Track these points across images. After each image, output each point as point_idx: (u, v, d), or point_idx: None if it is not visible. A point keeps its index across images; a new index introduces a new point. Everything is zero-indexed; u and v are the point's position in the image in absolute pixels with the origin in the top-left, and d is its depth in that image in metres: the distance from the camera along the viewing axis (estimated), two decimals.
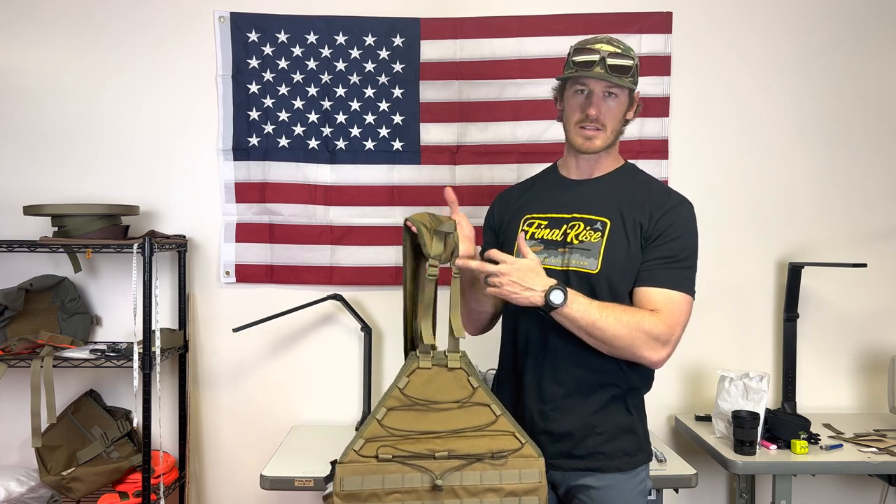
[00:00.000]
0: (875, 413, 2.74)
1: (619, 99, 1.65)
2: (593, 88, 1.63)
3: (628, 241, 1.62)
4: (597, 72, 1.60)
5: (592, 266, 1.61)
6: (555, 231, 1.68)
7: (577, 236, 1.65)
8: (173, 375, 2.71)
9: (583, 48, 1.65)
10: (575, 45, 1.69)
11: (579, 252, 1.63)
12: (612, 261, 1.61)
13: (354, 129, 2.70)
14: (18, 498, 2.46)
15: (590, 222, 1.65)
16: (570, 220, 1.67)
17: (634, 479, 1.67)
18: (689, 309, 1.62)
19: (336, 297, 2.62)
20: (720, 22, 2.72)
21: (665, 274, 1.60)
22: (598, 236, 1.63)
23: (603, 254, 1.61)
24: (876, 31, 2.74)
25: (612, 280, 1.61)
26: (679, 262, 1.62)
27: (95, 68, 2.70)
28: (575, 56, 1.66)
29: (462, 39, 2.68)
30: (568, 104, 1.69)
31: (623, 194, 1.68)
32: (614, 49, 1.63)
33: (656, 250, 1.62)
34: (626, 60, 1.62)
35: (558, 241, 1.66)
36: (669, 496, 2.60)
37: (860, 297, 2.76)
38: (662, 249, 1.62)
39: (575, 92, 1.67)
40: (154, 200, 2.71)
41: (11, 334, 2.56)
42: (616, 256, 1.61)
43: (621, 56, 1.62)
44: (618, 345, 1.55)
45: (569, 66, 1.67)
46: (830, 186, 2.75)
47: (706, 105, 2.73)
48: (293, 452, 2.37)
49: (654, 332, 1.55)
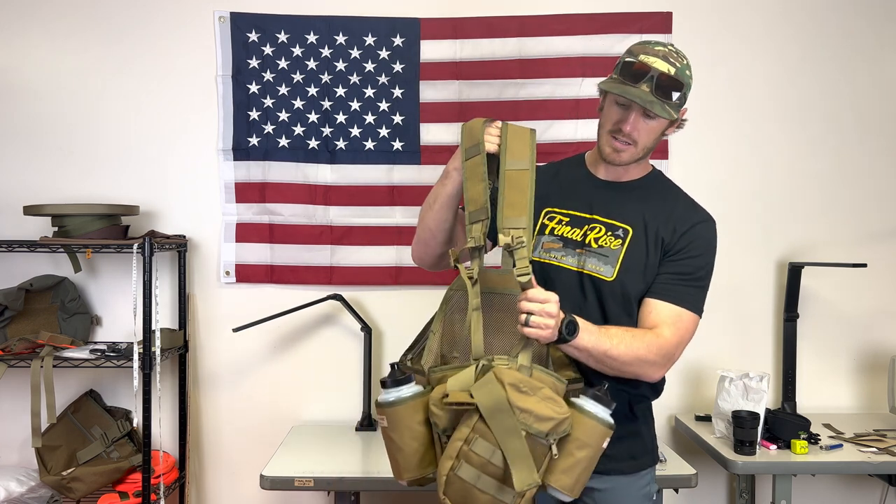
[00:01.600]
0: (875, 413, 2.74)
1: (659, 119, 1.55)
2: (633, 103, 1.53)
3: (647, 253, 1.59)
4: (642, 90, 1.49)
5: (608, 273, 1.58)
6: (575, 230, 1.63)
7: (596, 240, 1.61)
8: (173, 375, 2.71)
9: (636, 59, 1.52)
10: (633, 46, 1.57)
11: (597, 257, 1.60)
12: (629, 271, 1.58)
13: (354, 129, 2.70)
14: (18, 498, 2.46)
15: (612, 228, 1.61)
16: (592, 222, 1.63)
17: (639, 482, 1.66)
18: (694, 329, 1.60)
19: (336, 297, 2.62)
20: (720, 22, 2.72)
21: (679, 291, 1.58)
22: (619, 244, 1.60)
23: (621, 262, 1.58)
24: (876, 31, 2.73)
25: (625, 289, 1.58)
26: (695, 280, 1.60)
27: (95, 68, 2.70)
28: (626, 58, 1.54)
29: (462, 39, 2.68)
30: (607, 110, 1.60)
31: (650, 204, 1.64)
32: (669, 68, 1.51)
33: (675, 265, 1.59)
34: (676, 86, 1.52)
35: (577, 240, 1.62)
36: (669, 496, 2.60)
37: (860, 297, 2.76)
38: (681, 265, 1.59)
39: (616, 100, 1.56)
40: (154, 200, 2.71)
41: (11, 334, 2.56)
42: (633, 266, 1.58)
43: (673, 83, 1.51)
44: (626, 370, 1.53)
45: (617, 69, 1.56)
46: (831, 186, 2.75)
47: (706, 105, 2.72)
48: (293, 452, 2.37)
49: (660, 353, 1.54)
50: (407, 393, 1.42)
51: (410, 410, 1.42)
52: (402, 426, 1.42)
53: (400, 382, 1.43)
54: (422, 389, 1.44)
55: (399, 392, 1.42)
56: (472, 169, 1.52)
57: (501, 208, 1.47)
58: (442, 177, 1.62)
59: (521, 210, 1.47)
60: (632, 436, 1.65)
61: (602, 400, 1.40)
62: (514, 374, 1.36)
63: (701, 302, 1.61)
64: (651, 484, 1.70)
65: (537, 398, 1.34)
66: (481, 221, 1.48)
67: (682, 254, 1.59)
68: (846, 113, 2.75)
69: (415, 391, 1.43)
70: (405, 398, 1.42)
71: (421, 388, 1.44)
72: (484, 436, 1.32)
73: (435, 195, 1.63)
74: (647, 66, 1.51)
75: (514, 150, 1.51)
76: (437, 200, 1.62)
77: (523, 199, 1.48)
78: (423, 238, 1.69)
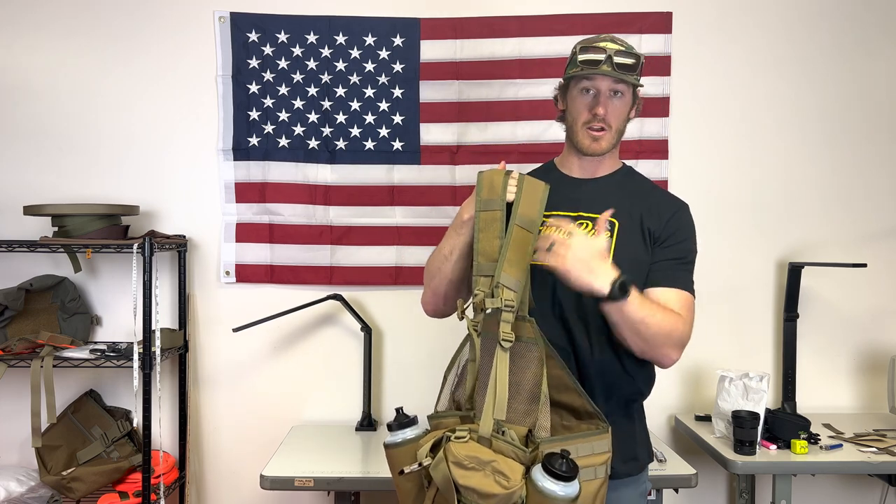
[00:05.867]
0: (875, 413, 2.74)
1: (624, 98, 1.64)
2: (600, 87, 1.62)
3: (636, 244, 1.62)
4: (605, 69, 1.59)
5: None
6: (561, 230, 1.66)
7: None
8: (173, 375, 2.71)
9: (588, 47, 1.63)
10: (579, 43, 1.67)
11: None
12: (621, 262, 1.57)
13: (354, 129, 2.70)
14: (18, 498, 2.46)
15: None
16: (577, 219, 1.64)
17: (637, 482, 1.68)
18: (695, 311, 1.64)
19: (336, 297, 2.62)
20: (720, 22, 2.72)
21: (680, 275, 1.62)
22: (607, 237, 1.61)
23: (613, 255, 1.59)
24: (876, 31, 2.74)
25: None
26: (687, 263, 1.64)
27: (96, 68, 2.70)
28: (581, 55, 1.63)
29: (462, 39, 2.68)
30: (573, 104, 1.66)
31: (629, 196, 1.67)
32: (619, 47, 1.61)
33: (669, 250, 1.62)
34: (631, 59, 1.61)
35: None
36: (669, 496, 2.60)
37: (860, 297, 2.76)
38: (674, 250, 1.62)
39: (581, 91, 1.64)
40: (154, 200, 2.71)
41: (11, 334, 2.56)
42: (625, 258, 1.59)
43: (627, 54, 1.61)
44: (652, 343, 1.52)
45: (574, 65, 1.65)
46: (830, 186, 2.75)
47: (706, 105, 2.73)
48: (293, 452, 2.37)
49: (684, 334, 1.56)
50: (399, 438, 1.47)
51: (402, 454, 1.46)
52: (395, 468, 1.47)
53: (404, 426, 1.48)
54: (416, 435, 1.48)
55: (394, 436, 1.48)
56: (488, 222, 1.51)
57: (502, 261, 1.47)
58: (456, 226, 1.60)
59: (519, 271, 1.47)
60: (629, 438, 1.65)
61: (560, 476, 1.31)
62: (462, 450, 1.36)
63: (692, 284, 1.65)
64: (646, 482, 1.72)
65: (483, 473, 1.33)
66: (490, 277, 1.47)
67: (673, 239, 1.63)
68: (846, 112, 2.75)
69: (406, 437, 1.47)
70: (397, 442, 1.47)
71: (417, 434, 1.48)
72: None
73: (451, 246, 1.60)
74: (600, 49, 1.60)
75: (527, 206, 1.51)
76: (455, 251, 1.59)
77: (523, 260, 1.48)
78: (441, 291, 1.66)
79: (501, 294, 1.43)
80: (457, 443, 1.37)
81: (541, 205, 1.52)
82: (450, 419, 1.47)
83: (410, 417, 1.49)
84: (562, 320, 1.61)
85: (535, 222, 1.51)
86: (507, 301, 1.43)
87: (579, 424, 1.48)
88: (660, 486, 2.22)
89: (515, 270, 1.46)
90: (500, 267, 1.46)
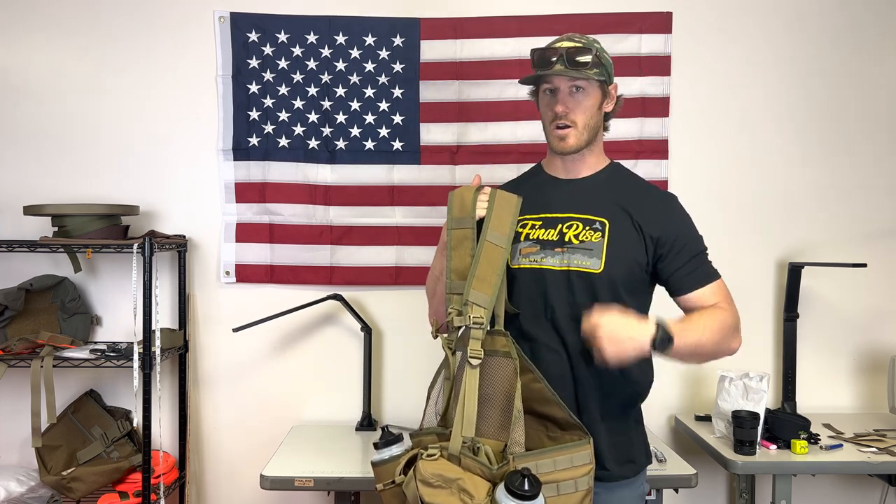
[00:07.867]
0: (875, 413, 2.74)
1: (587, 93, 1.63)
2: (559, 86, 1.63)
3: (628, 240, 1.62)
4: (556, 68, 1.59)
5: (595, 266, 1.60)
6: (550, 231, 1.66)
7: (576, 236, 1.63)
8: (173, 375, 2.71)
9: (544, 49, 1.65)
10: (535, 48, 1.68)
11: (581, 252, 1.62)
12: (615, 261, 1.60)
13: (354, 129, 2.70)
14: (18, 498, 2.46)
15: (588, 222, 1.64)
16: (567, 220, 1.65)
17: (635, 484, 1.68)
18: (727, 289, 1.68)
19: (336, 297, 2.62)
20: (720, 22, 2.72)
21: (703, 270, 1.65)
22: (599, 236, 1.62)
23: (606, 254, 1.60)
24: (876, 31, 2.74)
25: (613, 280, 1.60)
26: (700, 255, 1.67)
27: (96, 68, 2.70)
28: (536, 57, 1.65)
29: (462, 39, 2.68)
30: (541, 107, 1.69)
31: (618, 194, 1.67)
32: (575, 44, 1.62)
33: (680, 256, 1.64)
34: (585, 55, 1.60)
35: (554, 240, 1.65)
36: (669, 496, 2.60)
37: (860, 297, 2.76)
38: (685, 252, 1.64)
39: (544, 93, 1.67)
40: (154, 200, 2.71)
41: (11, 334, 2.56)
42: (618, 257, 1.61)
43: (580, 51, 1.60)
44: (715, 352, 1.60)
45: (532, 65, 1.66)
46: (830, 186, 2.75)
47: (706, 105, 2.73)
48: (293, 452, 2.37)
49: (734, 324, 1.62)
50: (385, 455, 1.52)
51: (387, 471, 1.50)
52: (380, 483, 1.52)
53: (389, 443, 1.53)
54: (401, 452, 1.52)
55: (381, 454, 1.52)
56: (460, 240, 1.57)
57: (471, 279, 1.51)
58: (441, 247, 1.68)
59: (488, 287, 1.50)
60: (625, 441, 1.66)
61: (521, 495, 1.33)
62: (430, 468, 1.39)
63: (713, 267, 1.68)
64: (644, 484, 1.72)
65: (449, 491, 1.37)
66: (461, 295, 1.52)
67: (679, 242, 1.64)
68: (846, 112, 2.75)
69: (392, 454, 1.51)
70: (384, 459, 1.51)
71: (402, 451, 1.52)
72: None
73: (440, 267, 1.66)
74: (553, 50, 1.61)
75: (498, 221, 1.56)
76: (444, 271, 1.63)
77: (493, 276, 1.51)
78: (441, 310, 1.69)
79: (470, 312, 1.47)
80: (426, 461, 1.41)
81: (513, 218, 1.57)
82: (428, 437, 1.50)
83: (396, 435, 1.53)
84: (553, 323, 1.62)
85: (507, 237, 1.55)
86: (476, 318, 1.46)
87: (564, 435, 1.51)
88: (660, 486, 2.22)
89: (485, 286, 1.50)
90: (469, 284, 1.49)
